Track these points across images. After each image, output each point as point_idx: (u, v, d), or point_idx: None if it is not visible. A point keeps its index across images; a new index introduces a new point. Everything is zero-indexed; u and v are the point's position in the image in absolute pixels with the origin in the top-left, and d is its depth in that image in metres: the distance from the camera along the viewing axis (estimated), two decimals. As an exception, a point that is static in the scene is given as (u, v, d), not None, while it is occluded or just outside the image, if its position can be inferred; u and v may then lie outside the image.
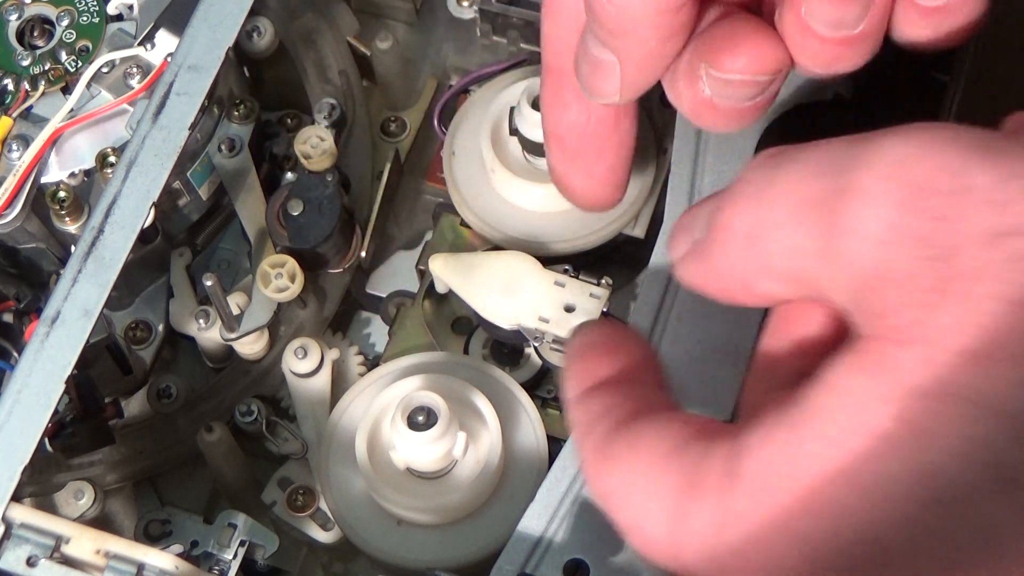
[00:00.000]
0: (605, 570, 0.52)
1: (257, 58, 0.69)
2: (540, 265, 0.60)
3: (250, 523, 0.61)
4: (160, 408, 0.65)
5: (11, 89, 0.67)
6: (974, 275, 0.36)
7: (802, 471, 0.37)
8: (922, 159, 0.37)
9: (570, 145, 0.56)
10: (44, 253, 0.66)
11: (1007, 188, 0.36)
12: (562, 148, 0.56)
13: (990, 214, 0.36)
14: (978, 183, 0.37)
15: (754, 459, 0.38)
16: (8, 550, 0.54)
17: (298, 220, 0.63)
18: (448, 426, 0.56)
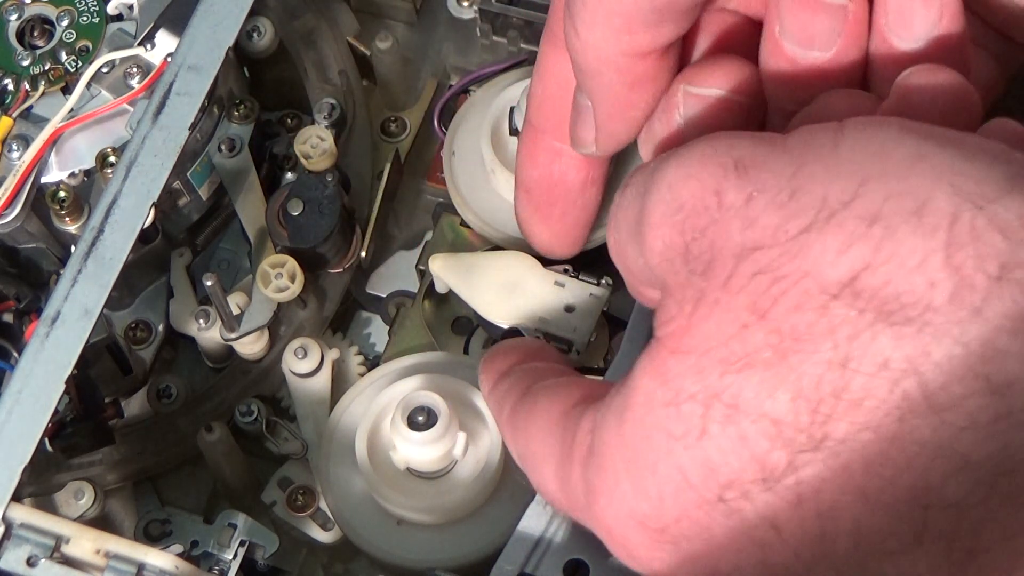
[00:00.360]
0: (605, 570, 0.52)
1: (257, 58, 0.69)
2: (540, 265, 0.60)
3: (250, 523, 0.61)
4: (160, 408, 0.65)
5: (11, 89, 0.67)
6: (725, 287, 0.40)
7: (620, 456, 0.42)
8: (688, 180, 0.42)
9: (536, 198, 0.58)
10: (44, 253, 0.66)
11: (754, 204, 0.40)
12: (529, 199, 0.58)
13: (739, 231, 0.40)
14: (730, 200, 0.41)
15: (599, 436, 0.43)
16: (8, 550, 0.54)
17: (298, 220, 0.63)
18: (448, 426, 0.56)
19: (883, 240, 0.38)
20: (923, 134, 0.40)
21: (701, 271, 0.41)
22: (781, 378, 0.39)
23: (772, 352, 0.39)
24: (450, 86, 0.71)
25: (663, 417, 0.41)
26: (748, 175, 0.41)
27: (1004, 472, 0.37)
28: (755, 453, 0.39)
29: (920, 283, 0.37)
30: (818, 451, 0.38)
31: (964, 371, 0.37)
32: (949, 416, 0.37)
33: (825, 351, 0.38)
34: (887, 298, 0.38)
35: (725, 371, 0.40)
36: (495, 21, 0.70)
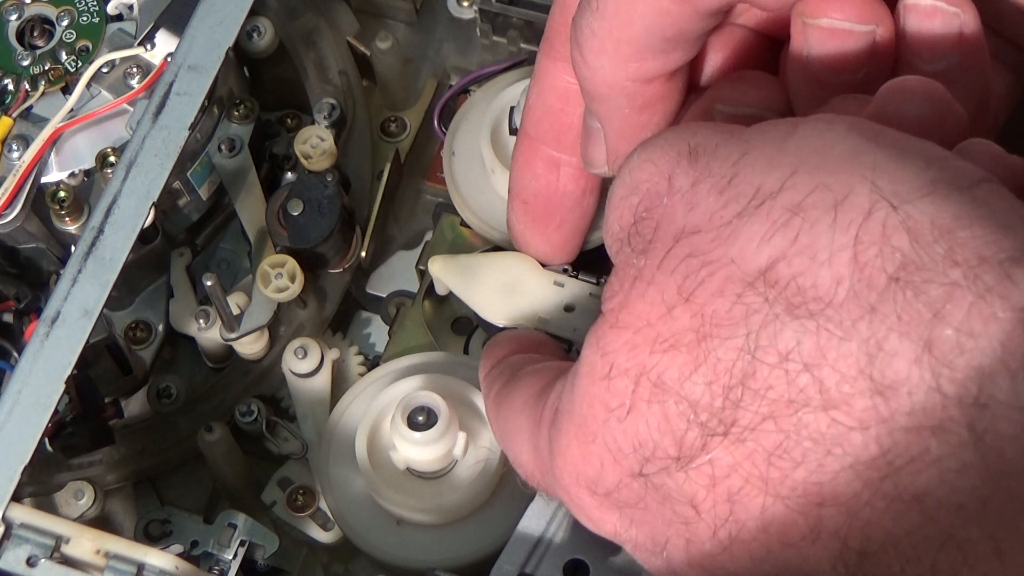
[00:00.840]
0: (605, 570, 0.52)
1: (257, 58, 0.69)
2: (539, 265, 0.60)
3: (250, 523, 0.61)
4: (160, 408, 0.65)
5: (11, 89, 0.67)
6: (660, 267, 0.41)
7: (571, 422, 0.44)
8: (645, 164, 0.44)
9: (534, 209, 0.58)
10: (44, 253, 0.66)
11: (698, 189, 0.41)
12: (526, 210, 0.58)
13: (682, 214, 0.42)
14: (679, 184, 0.42)
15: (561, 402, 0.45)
16: (8, 550, 0.54)
17: (298, 220, 0.63)
18: (448, 426, 0.56)
19: (801, 231, 0.39)
20: (868, 134, 0.40)
21: (641, 250, 0.42)
22: (699, 361, 0.40)
23: (694, 335, 0.40)
24: (450, 86, 0.71)
25: (601, 389, 0.42)
26: (698, 162, 0.42)
27: (887, 475, 0.37)
28: (674, 432, 0.40)
29: (826, 277, 0.38)
30: (727, 436, 0.39)
31: (854, 370, 0.37)
32: (838, 415, 0.37)
33: (739, 338, 0.39)
34: (797, 290, 0.38)
35: (654, 350, 0.41)
36: (495, 21, 0.70)
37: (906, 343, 0.37)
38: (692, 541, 0.41)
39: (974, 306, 0.36)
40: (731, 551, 0.40)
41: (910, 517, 0.37)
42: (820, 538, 0.38)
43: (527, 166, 0.57)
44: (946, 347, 0.36)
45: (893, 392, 0.37)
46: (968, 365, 0.36)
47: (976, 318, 0.36)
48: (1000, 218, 0.38)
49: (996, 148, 0.42)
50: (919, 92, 0.43)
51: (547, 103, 0.55)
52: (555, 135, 0.55)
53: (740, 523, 0.39)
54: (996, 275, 0.37)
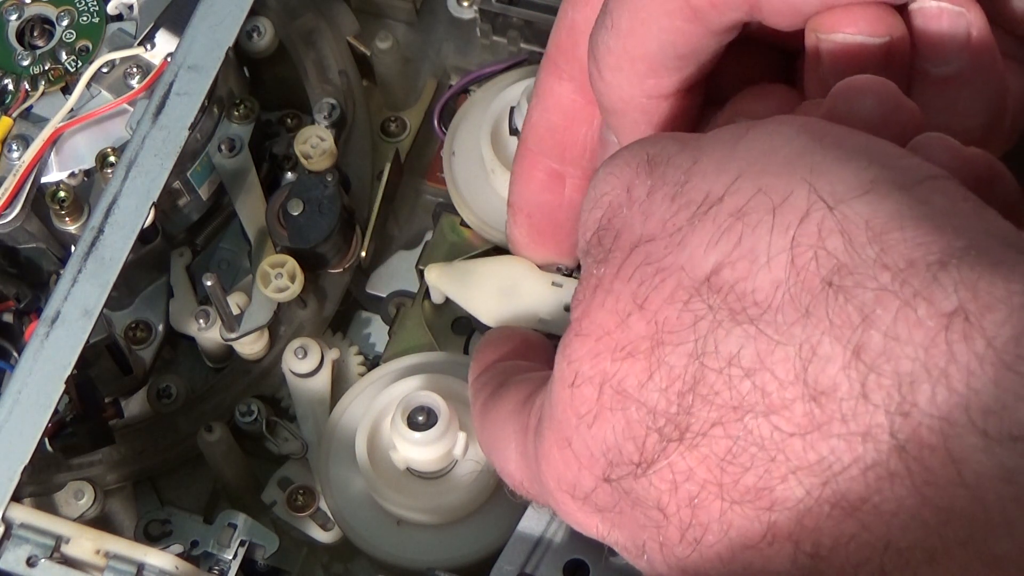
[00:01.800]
0: (605, 570, 0.52)
1: (257, 58, 0.69)
2: (535, 267, 0.60)
3: (250, 523, 0.61)
4: (160, 408, 0.65)
5: (11, 89, 0.67)
6: (617, 276, 0.42)
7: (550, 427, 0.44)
8: (608, 178, 0.44)
9: (538, 222, 0.58)
10: (44, 253, 0.66)
11: (653, 197, 0.41)
12: (530, 224, 0.59)
13: (639, 223, 0.42)
14: (637, 194, 0.43)
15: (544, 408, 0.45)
16: (8, 550, 0.54)
17: (298, 220, 0.63)
18: (448, 426, 0.56)
19: (743, 235, 0.39)
20: (816, 135, 0.40)
21: (602, 259, 0.43)
22: (653, 369, 0.40)
23: (648, 343, 0.40)
24: (450, 86, 0.71)
25: (569, 396, 0.43)
26: (655, 171, 0.43)
27: (827, 481, 0.37)
28: (636, 438, 0.41)
29: (765, 282, 0.38)
30: (682, 442, 0.40)
31: (791, 375, 0.37)
32: (778, 420, 0.38)
33: (688, 344, 0.39)
34: (738, 296, 0.39)
35: (614, 358, 0.41)
36: (495, 21, 0.70)
37: (837, 348, 0.37)
38: (665, 544, 0.41)
39: (901, 311, 0.36)
40: (700, 552, 0.40)
41: (850, 523, 0.37)
42: (776, 540, 0.38)
43: (530, 180, 0.57)
44: (874, 352, 0.36)
45: (826, 398, 0.37)
46: (893, 371, 0.36)
47: (902, 323, 0.36)
48: (938, 218, 0.38)
49: (951, 141, 0.42)
50: (868, 90, 0.43)
51: (551, 121, 0.55)
52: (559, 151, 0.56)
53: (704, 526, 0.40)
54: (923, 279, 0.36)
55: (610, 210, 0.44)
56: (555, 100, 0.54)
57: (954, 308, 0.36)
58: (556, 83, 0.54)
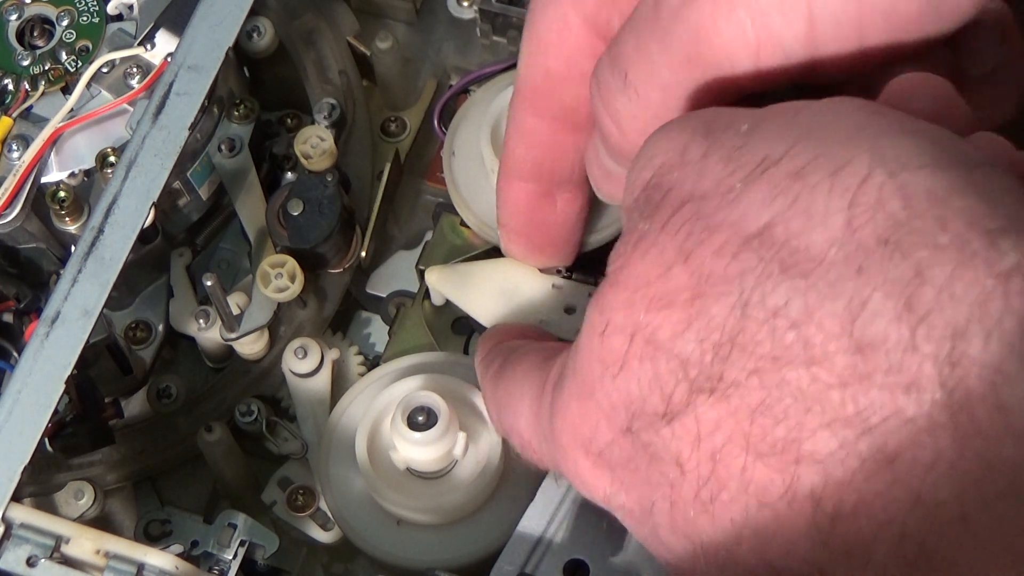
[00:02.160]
0: (605, 570, 0.52)
1: (257, 58, 0.69)
2: (535, 269, 0.60)
3: (250, 523, 0.61)
4: (160, 408, 0.65)
5: (11, 89, 0.67)
6: (663, 229, 0.42)
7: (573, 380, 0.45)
8: (661, 140, 0.44)
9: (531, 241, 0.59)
10: (44, 253, 0.66)
11: (709, 158, 0.42)
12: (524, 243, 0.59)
13: (692, 182, 0.42)
14: (691, 155, 0.43)
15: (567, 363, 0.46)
16: (8, 550, 0.54)
17: (298, 220, 0.63)
18: (448, 426, 0.56)
19: (800, 195, 0.39)
20: (877, 113, 0.41)
21: (648, 215, 0.43)
22: (691, 319, 0.40)
23: (689, 293, 0.40)
24: (450, 86, 0.71)
25: (598, 346, 0.43)
26: (712, 135, 0.43)
27: (862, 434, 0.37)
28: (663, 388, 0.41)
29: (820, 238, 0.38)
30: (713, 393, 0.40)
31: (837, 328, 0.38)
32: (819, 371, 0.38)
33: (732, 295, 0.39)
34: (791, 250, 0.39)
35: (649, 308, 0.41)
36: (495, 21, 0.70)
37: (888, 303, 0.37)
38: (676, 503, 0.41)
39: (957, 269, 0.37)
40: (711, 513, 0.40)
41: (881, 477, 0.37)
42: (795, 499, 0.38)
43: (518, 203, 0.57)
44: (926, 306, 0.37)
45: (872, 350, 0.37)
46: (945, 323, 0.36)
47: (958, 281, 0.36)
48: (996, 195, 0.38)
49: (1004, 141, 0.43)
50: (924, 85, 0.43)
51: (535, 155, 0.55)
52: (548, 177, 0.56)
53: (721, 482, 0.40)
54: (984, 242, 0.37)
55: (661, 170, 0.43)
56: (538, 136, 0.54)
57: (1012, 266, 0.36)
58: (536, 121, 0.54)
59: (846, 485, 0.37)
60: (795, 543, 0.39)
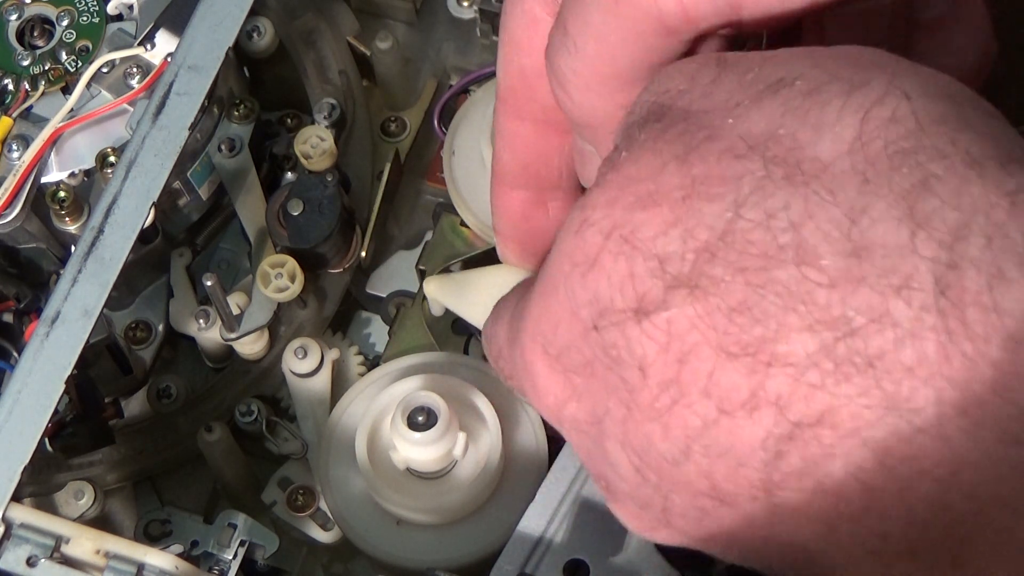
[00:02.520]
0: (605, 570, 0.52)
1: (257, 58, 0.69)
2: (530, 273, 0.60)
3: (250, 523, 0.61)
4: (160, 408, 0.65)
5: (11, 89, 0.67)
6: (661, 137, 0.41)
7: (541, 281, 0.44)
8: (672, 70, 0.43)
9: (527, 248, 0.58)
10: (44, 253, 0.66)
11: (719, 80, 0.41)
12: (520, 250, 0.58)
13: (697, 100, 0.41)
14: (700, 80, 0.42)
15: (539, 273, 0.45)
16: (8, 550, 0.54)
17: (298, 220, 0.63)
18: (448, 426, 0.56)
19: (811, 110, 0.39)
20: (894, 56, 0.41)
21: (644, 124, 0.42)
22: (679, 218, 0.39)
23: (681, 193, 0.40)
24: (450, 86, 0.71)
25: (570, 244, 0.42)
26: (725, 64, 0.42)
27: (843, 336, 0.37)
28: (637, 286, 0.40)
29: (827, 149, 0.38)
30: (693, 291, 0.39)
31: (836, 232, 0.37)
32: (809, 271, 0.37)
33: (727, 197, 0.39)
34: (797, 159, 0.38)
35: (634, 206, 0.40)
36: (495, 21, 0.70)
37: (891, 210, 0.37)
38: (631, 410, 0.40)
39: (964, 184, 0.36)
40: (666, 422, 0.40)
41: (855, 382, 0.36)
42: (758, 406, 0.38)
43: (511, 211, 0.57)
44: (929, 213, 0.36)
45: (868, 253, 0.37)
46: (946, 228, 0.36)
47: (965, 194, 0.36)
48: (1008, 134, 0.38)
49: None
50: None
51: (522, 159, 0.55)
52: (536, 182, 0.55)
53: (683, 387, 0.39)
54: (994, 164, 0.37)
55: (667, 94, 0.43)
56: (521, 140, 0.54)
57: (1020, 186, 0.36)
58: (518, 125, 0.53)
59: (816, 390, 0.37)
60: (745, 458, 0.38)
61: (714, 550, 0.42)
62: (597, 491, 0.53)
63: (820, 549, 0.39)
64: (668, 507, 0.41)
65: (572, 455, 0.54)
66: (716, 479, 0.39)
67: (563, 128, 0.53)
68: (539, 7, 0.50)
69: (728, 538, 0.41)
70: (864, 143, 0.38)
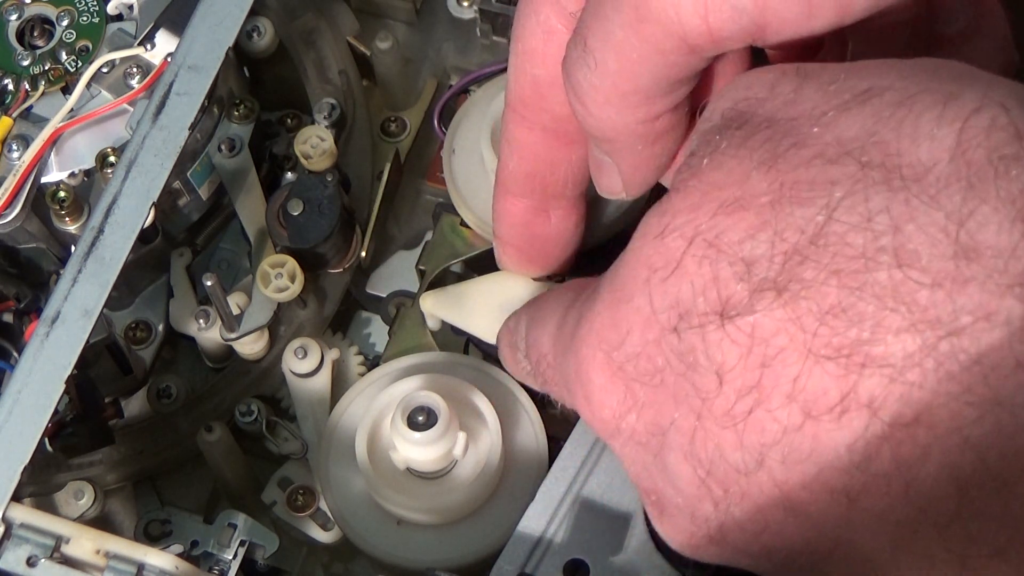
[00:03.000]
0: (605, 570, 0.52)
1: (257, 58, 0.69)
2: (530, 280, 0.60)
3: (250, 523, 0.61)
4: (160, 408, 0.65)
5: (11, 89, 0.67)
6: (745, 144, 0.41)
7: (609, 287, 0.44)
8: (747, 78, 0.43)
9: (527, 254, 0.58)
10: (44, 253, 0.66)
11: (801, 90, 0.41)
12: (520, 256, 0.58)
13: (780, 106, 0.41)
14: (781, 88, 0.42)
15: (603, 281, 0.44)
16: (8, 550, 0.54)
17: (298, 220, 0.63)
18: (448, 426, 0.56)
19: (905, 120, 0.38)
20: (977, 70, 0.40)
21: (724, 131, 0.42)
22: (767, 222, 0.39)
23: (768, 198, 0.39)
24: (450, 86, 0.71)
25: (649, 249, 0.42)
26: (806, 74, 0.42)
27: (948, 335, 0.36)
28: (721, 290, 0.39)
29: (926, 155, 0.38)
30: (782, 294, 0.38)
31: (940, 233, 0.37)
32: (912, 272, 0.37)
33: (819, 201, 0.38)
34: (894, 165, 0.38)
35: (718, 211, 0.40)
36: (495, 21, 0.70)
37: (999, 214, 0.36)
38: (703, 418, 0.40)
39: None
40: (740, 430, 0.39)
41: (961, 379, 0.36)
42: (848, 409, 0.37)
43: (513, 218, 0.57)
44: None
45: (976, 254, 0.36)
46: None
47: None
48: None
49: None
50: None
51: (529, 168, 0.55)
52: (541, 191, 0.55)
53: (764, 394, 0.38)
54: None
55: (745, 101, 0.42)
56: (530, 149, 0.54)
57: None
58: (527, 133, 0.53)
59: (914, 388, 0.36)
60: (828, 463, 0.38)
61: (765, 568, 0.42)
62: (597, 491, 0.53)
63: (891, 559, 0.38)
64: (726, 521, 0.41)
65: (572, 455, 0.54)
66: (790, 487, 0.39)
67: (572, 138, 0.53)
68: (555, 18, 0.50)
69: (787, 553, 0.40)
70: (965, 150, 0.37)
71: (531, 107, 0.52)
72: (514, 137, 0.54)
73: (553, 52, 0.49)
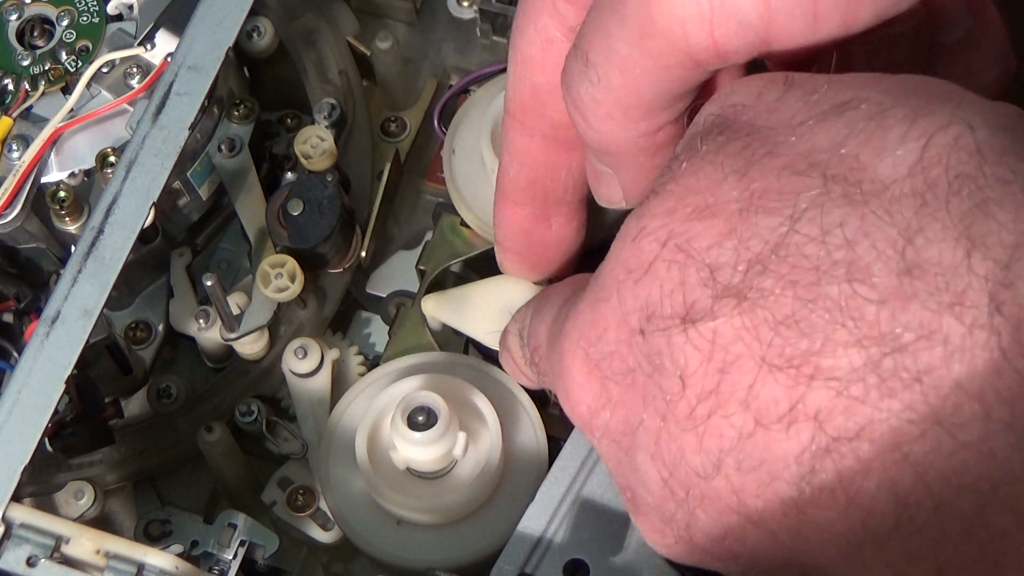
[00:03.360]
0: (605, 570, 0.52)
1: (257, 58, 0.69)
2: (529, 283, 0.60)
3: (250, 523, 0.61)
4: (160, 408, 0.65)
5: (11, 89, 0.67)
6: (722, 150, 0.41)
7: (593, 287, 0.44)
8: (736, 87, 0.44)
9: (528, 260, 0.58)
10: (44, 253, 0.66)
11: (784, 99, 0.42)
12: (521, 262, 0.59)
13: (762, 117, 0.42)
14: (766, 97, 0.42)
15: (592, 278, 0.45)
16: (8, 550, 0.54)
17: (298, 220, 0.63)
18: (448, 426, 0.56)
19: (875, 133, 0.39)
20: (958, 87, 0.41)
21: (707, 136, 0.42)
22: (735, 229, 0.40)
23: (738, 206, 0.40)
24: (450, 86, 0.71)
25: (627, 251, 0.42)
26: (792, 83, 0.42)
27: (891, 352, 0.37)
28: (686, 294, 0.40)
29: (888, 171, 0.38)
30: (741, 302, 0.39)
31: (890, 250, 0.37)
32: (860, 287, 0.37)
33: (784, 211, 0.39)
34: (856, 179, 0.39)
35: (690, 216, 0.41)
36: (495, 21, 0.70)
37: (947, 231, 0.37)
38: (667, 421, 0.40)
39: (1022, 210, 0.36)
40: (700, 434, 0.40)
41: (902, 396, 0.36)
42: (796, 420, 0.38)
43: (514, 225, 0.57)
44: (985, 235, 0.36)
45: (921, 271, 0.37)
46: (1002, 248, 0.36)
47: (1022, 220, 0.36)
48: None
49: None
50: None
51: (529, 175, 0.55)
52: (542, 198, 0.55)
53: (722, 399, 0.39)
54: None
55: (732, 108, 0.43)
56: (530, 156, 0.54)
57: None
58: (527, 140, 0.54)
59: (858, 403, 0.37)
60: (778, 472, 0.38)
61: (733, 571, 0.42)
62: (597, 491, 0.53)
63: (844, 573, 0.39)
64: (692, 523, 0.41)
65: (572, 455, 0.54)
66: (745, 495, 0.39)
67: (571, 145, 0.53)
68: (554, 27, 0.50)
69: (749, 558, 0.41)
70: (925, 167, 0.38)
71: (531, 114, 0.52)
72: (514, 144, 0.54)
73: (552, 60, 0.50)
